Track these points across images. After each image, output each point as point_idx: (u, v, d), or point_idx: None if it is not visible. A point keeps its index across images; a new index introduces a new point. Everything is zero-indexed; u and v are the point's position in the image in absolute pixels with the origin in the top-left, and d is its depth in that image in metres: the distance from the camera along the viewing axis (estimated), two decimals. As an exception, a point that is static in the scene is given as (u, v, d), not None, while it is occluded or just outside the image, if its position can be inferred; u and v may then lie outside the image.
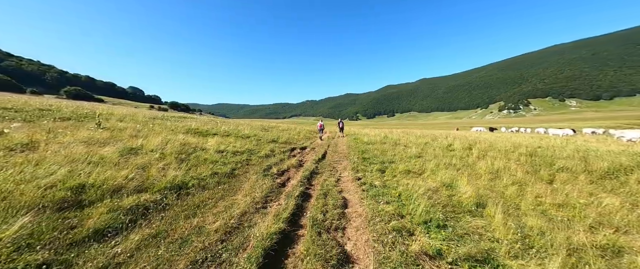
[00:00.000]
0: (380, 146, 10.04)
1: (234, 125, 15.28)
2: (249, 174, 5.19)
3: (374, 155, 7.93)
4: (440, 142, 11.75)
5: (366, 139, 12.13)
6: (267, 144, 10.20)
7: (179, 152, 5.81)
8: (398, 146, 10.10)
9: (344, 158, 7.85)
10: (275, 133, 14.09)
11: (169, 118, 15.90)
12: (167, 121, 13.11)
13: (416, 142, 11.46)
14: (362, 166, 6.40)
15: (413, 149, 9.32)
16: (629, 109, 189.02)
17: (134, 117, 13.40)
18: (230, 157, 6.39)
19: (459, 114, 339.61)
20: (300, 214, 3.21)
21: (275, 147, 9.53)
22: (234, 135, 10.89)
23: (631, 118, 79.63)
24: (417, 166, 6.44)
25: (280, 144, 10.77)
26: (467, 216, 3.57)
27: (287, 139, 12.58)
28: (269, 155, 7.82)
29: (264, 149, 8.78)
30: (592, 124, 58.66)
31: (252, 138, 10.84)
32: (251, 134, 11.96)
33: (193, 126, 11.76)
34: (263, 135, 12.42)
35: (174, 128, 10.34)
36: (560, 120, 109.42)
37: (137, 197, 3.03)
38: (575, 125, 55.55)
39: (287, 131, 17.54)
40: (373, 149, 9.14)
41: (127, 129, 7.99)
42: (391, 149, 9.15)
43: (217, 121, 20.53)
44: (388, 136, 14.01)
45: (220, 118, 39.20)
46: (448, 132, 25.69)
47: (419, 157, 8.10)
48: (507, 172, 6.95)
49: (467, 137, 14.16)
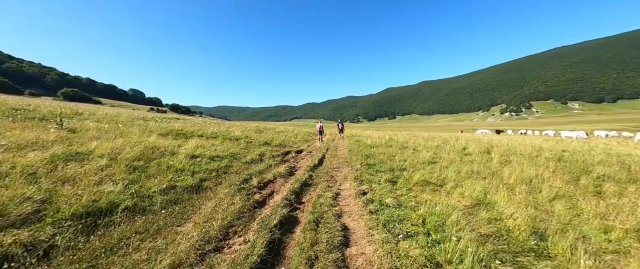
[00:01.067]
0: (385, 149, 8.81)
1: (226, 126, 14.11)
2: (221, 187, 3.98)
3: (380, 160, 6.70)
4: (452, 145, 10.51)
5: (369, 141, 10.91)
6: (258, 147, 9.01)
7: (137, 157, 4.61)
8: (406, 150, 8.87)
9: (344, 164, 6.63)
10: (269, 135, 12.90)
11: (157, 119, 14.76)
12: (150, 122, 11.95)
13: (426, 145, 10.23)
14: (368, 175, 5.18)
15: (424, 153, 8.10)
16: (633, 112, 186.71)
17: (116, 117, 12.26)
18: (205, 164, 5.18)
19: (460, 117, 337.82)
20: (272, 264, 2.00)
21: (266, 151, 8.33)
22: (222, 137, 9.71)
23: (637, 121, 77.98)
24: (434, 175, 5.21)
25: (273, 148, 9.57)
26: (532, 259, 2.35)
27: (281, 142, 11.38)
28: (256, 161, 6.61)
29: (252, 153, 7.58)
30: (598, 126, 57.16)
31: (242, 140, 9.64)
32: (242, 136, 10.77)
33: (177, 126, 10.59)
34: (255, 137, 11.23)
35: (153, 129, 9.16)
36: (563, 123, 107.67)
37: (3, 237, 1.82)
38: (581, 127, 54.03)
39: (284, 132, 16.36)
40: (378, 153, 7.92)
41: (90, 131, 6.83)
42: (399, 153, 7.93)
43: (212, 122, 19.38)
44: (393, 138, 12.77)
45: (219, 120, 38.14)
46: (453, 134, 24.42)
47: (433, 163, 6.87)
48: (542, 182, 5.73)
49: (479, 140, 12.91)
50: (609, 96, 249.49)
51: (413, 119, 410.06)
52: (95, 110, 16.83)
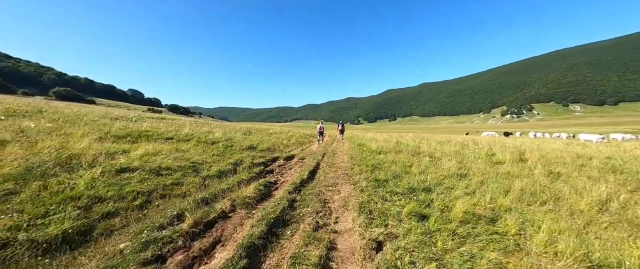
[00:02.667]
0: (395, 156, 7.08)
1: (210, 127, 12.38)
2: (116, 237, 2.24)
3: (392, 174, 4.97)
4: (473, 150, 8.76)
5: (374, 145, 9.15)
6: (238, 152, 7.28)
7: (19, 175, 2.88)
8: (421, 157, 7.13)
9: (344, 178, 4.89)
10: (257, 137, 11.17)
11: (135, 119, 13.04)
12: (119, 122, 10.24)
13: (443, 150, 8.48)
14: (379, 199, 3.44)
15: (446, 161, 6.36)
16: (635, 115, 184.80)
17: (84, 117, 10.58)
18: (136, 183, 3.45)
19: (460, 119, 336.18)
20: None
21: (247, 158, 6.61)
22: (196, 140, 7.98)
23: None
24: (479, 201, 3.47)
25: (258, 153, 7.84)
26: None
27: (270, 145, 9.65)
28: (225, 173, 4.88)
29: (226, 161, 5.85)
30: (603, 129, 55.33)
31: (220, 144, 7.91)
32: (222, 138, 9.04)
33: (144, 127, 8.86)
34: (240, 140, 9.50)
35: (114, 130, 7.45)
36: (565, 125, 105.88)
37: None
38: (585, 130, 52.21)
39: (277, 134, 14.65)
40: (388, 162, 6.18)
41: (23, 132, 5.13)
42: (415, 162, 6.19)
43: (202, 122, 17.64)
44: (401, 141, 11.01)
45: (217, 121, 36.49)
46: (460, 137, 22.73)
47: (463, 176, 5.14)
48: (625, 208, 4.01)
49: (501, 144, 11.17)
50: (611, 98, 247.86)
51: (413, 121, 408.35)
52: (64, 108, 15.15)
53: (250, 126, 19.24)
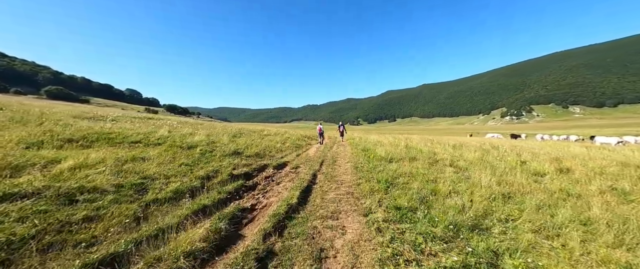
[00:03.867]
0: (410, 165, 5.74)
1: (193, 128, 10.99)
2: None
3: (416, 195, 3.62)
4: (500, 157, 7.42)
5: (381, 151, 7.79)
6: (217, 160, 5.91)
7: None
8: (442, 166, 5.79)
9: (349, 202, 3.56)
10: (246, 140, 9.79)
11: (116, 119, 11.66)
12: (83, 122, 8.86)
13: (462, 156, 7.13)
14: (410, 252, 2.10)
15: (476, 174, 5.02)
16: (635, 117, 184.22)
17: (51, 116, 9.23)
18: (13, 221, 2.10)
19: (460, 120, 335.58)
20: None
21: (226, 168, 5.26)
22: (169, 144, 6.62)
23: None
24: (576, 256, 2.14)
25: (243, 160, 6.49)
26: None
27: (260, 150, 8.29)
28: (184, 194, 3.52)
29: (194, 174, 4.48)
30: (606, 131, 54.22)
31: (198, 149, 6.55)
32: (203, 141, 7.67)
33: (108, 129, 7.48)
34: (225, 143, 8.14)
35: (60, 132, 6.09)
36: (565, 127, 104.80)
37: None
38: (588, 132, 51.05)
39: (271, 136, 13.29)
40: (403, 175, 4.85)
41: None
42: (438, 176, 4.86)
43: (194, 123, 16.22)
44: (410, 145, 9.65)
45: (215, 121, 35.13)
46: (460, 138, 21.44)
47: (508, 198, 3.80)
48: None
49: (524, 149, 9.83)
50: (610, 100, 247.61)
51: (413, 122, 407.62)
52: (36, 106, 13.77)
53: (245, 127, 17.89)
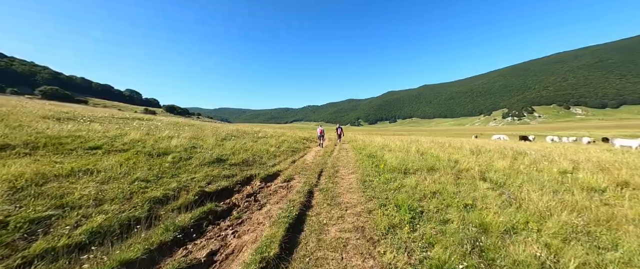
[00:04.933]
0: (430, 179, 4.58)
1: (175, 130, 9.82)
2: None
3: (456, 234, 2.46)
4: (531, 164, 6.23)
5: (391, 158, 6.61)
6: (190, 172, 4.76)
7: None
8: (471, 180, 4.61)
9: (359, 247, 2.42)
10: (235, 144, 8.61)
11: (94, 119, 10.54)
12: (45, 123, 7.73)
13: (490, 165, 5.94)
14: None
15: (524, 192, 3.85)
16: (638, 117, 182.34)
17: (6, 117, 8.11)
18: None
19: (461, 121, 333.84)
20: None
21: (196, 183, 4.11)
22: (137, 150, 5.47)
23: None
24: None
25: (225, 170, 5.34)
26: None
27: (250, 156, 7.13)
28: (103, 237, 2.38)
29: (145, 195, 3.33)
30: (611, 132, 52.86)
31: (171, 156, 5.41)
32: (182, 146, 6.52)
33: (66, 131, 6.33)
34: (208, 148, 6.99)
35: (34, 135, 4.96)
36: (568, 128, 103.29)
37: None
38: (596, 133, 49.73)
39: (267, 139, 12.13)
40: (427, 195, 3.69)
41: None
42: (474, 194, 3.69)
43: (183, 123, 14.98)
44: (422, 150, 8.44)
45: (212, 122, 33.97)
46: (466, 139, 20.26)
47: (587, 234, 2.64)
48: None
49: (553, 154, 8.65)
50: (613, 101, 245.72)
51: (414, 123, 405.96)
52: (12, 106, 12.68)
53: (240, 128, 16.73)
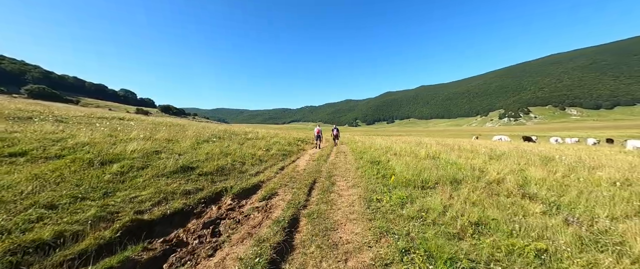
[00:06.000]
0: (458, 198, 3.46)
1: (153, 129, 8.58)
2: None
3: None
4: (571, 172, 5.15)
5: (399, 166, 5.47)
6: (137, 187, 3.58)
7: None
8: (508, 197, 3.49)
9: None
10: (216, 147, 7.39)
11: (68, 119, 9.26)
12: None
13: (527, 176, 4.84)
14: None
15: (595, 222, 2.73)
16: (632, 118, 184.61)
17: None
18: None
19: (458, 122, 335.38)
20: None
21: (132, 208, 2.94)
22: (75, 158, 4.25)
23: None
24: None
25: (189, 184, 4.16)
26: None
27: (229, 163, 5.95)
28: None
29: (21, 239, 2.17)
30: (607, 133, 52.59)
31: (115, 166, 4.21)
32: (137, 151, 5.31)
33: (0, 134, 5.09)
34: (177, 152, 5.80)
35: None
36: (563, 128, 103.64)
37: None
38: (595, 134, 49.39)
39: (257, 140, 10.94)
40: (464, 227, 2.56)
41: None
42: (530, 223, 2.56)
43: (168, 123, 13.65)
44: (432, 153, 7.33)
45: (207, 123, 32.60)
46: (465, 140, 19.31)
47: None
48: None
49: (582, 158, 7.61)
50: (607, 102, 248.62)
51: (411, 124, 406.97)
52: None
53: (230, 129, 15.47)
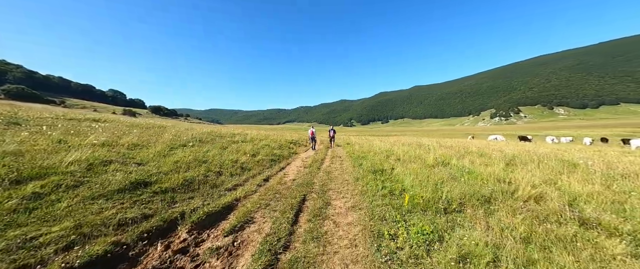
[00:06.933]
0: (497, 227, 2.50)
1: (122, 131, 7.35)
2: None
3: None
4: (601, 177, 4.28)
5: (413, 180, 4.47)
6: (47, 220, 2.48)
7: None
8: (558, 224, 2.54)
9: None
10: (192, 153, 6.25)
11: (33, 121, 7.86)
12: None
13: (566, 189, 3.93)
14: None
15: None
16: (616, 117, 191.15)
17: None
18: None
19: (451, 121, 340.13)
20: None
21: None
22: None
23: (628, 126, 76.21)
24: None
25: (134, 209, 3.05)
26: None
27: (199, 173, 4.85)
28: None
29: None
30: (595, 132, 53.57)
31: (30, 186, 3.08)
32: (87, 160, 4.16)
33: None
34: (137, 161, 4.68)
35: None
36: (553, 127, 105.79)
37: None
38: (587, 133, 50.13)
39: (245, 143, 9.81)
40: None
41: None
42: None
43: (143, 124, 12.22)
44: (442, 158, 6.40)
45: (198, 123, 31.01)
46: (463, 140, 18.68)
47: None
48: None
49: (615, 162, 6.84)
50: (592, 101, 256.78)
51: (405, 123, 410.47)
52: None
53: (216, 130, 14.20)
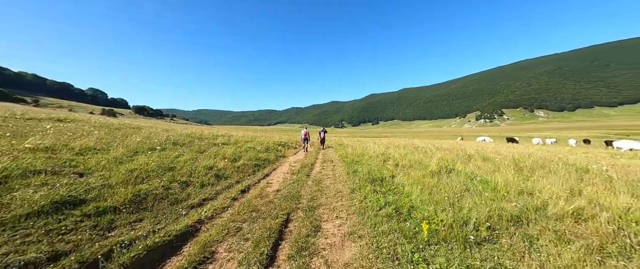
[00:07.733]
0: None
1: (82, 133, 6.22)
2: None
3: None
4: (623, 185, 3.80)
5: (422, 193, 3.79)
6: None
7: None
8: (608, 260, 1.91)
9: None
10: (159, 158, 5.28)
11: None
12: None
13: (581, 194, 3.37)
14: None
15: None
16: (591, 119, 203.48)
17: None
18: None
19: (439, 123, 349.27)
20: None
21: None
22: None
23: (607, 128, 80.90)
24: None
25: (51, 241, 2.16)
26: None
27: (159, 186, 3.95)
28: None
29: None
30: (573, 134, 56.28)
31: None
32: (30, 167, 3.18)
33: None
34: (79, 171, 3.73)
35: None
36: (534, 129, 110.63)
37: None
38: (573, 134, 52.48)
39: (227, 146, 8.84)
40: None
41: None
42: None
43: (115, 124, 10.84)
44: (446, 163, 5.80)
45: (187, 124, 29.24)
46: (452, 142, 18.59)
47: None
48: None
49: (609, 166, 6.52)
50: (569, 105, 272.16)
51: (395, 125, 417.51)
52: None
53: (195, 132, 13.03)
